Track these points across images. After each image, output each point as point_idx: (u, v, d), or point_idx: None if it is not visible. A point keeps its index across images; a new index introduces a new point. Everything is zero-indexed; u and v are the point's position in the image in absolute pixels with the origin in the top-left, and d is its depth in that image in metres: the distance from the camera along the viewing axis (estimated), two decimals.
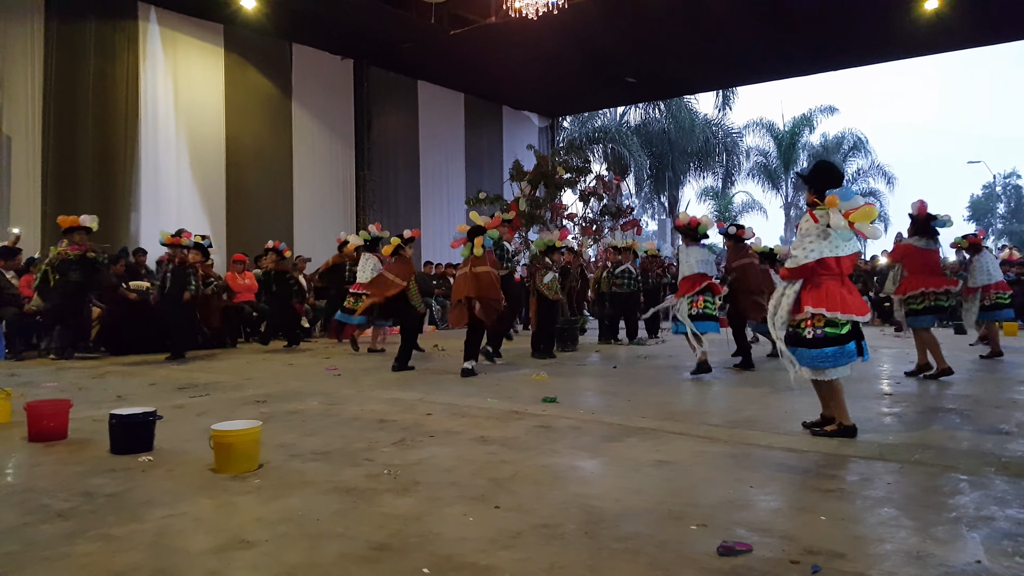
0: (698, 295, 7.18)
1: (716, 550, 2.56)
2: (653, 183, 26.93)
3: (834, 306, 4.31)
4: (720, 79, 20.27)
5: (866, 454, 4.00)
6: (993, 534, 2.71)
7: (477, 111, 19.17)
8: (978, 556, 2.48)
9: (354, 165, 16.22)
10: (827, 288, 4.36)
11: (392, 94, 16.96)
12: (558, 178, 10.23)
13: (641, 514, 2.99)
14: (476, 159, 19.02)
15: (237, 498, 3.26)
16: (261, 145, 14.57)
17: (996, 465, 3.71)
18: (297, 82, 15.25)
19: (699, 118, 25.75)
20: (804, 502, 3.17)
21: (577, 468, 3.81)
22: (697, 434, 4.59)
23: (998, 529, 2.76)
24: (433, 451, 4.14)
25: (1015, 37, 15.62)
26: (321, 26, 14.30)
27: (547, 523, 2.88)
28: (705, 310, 7.16)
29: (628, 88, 18.44)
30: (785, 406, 5.56)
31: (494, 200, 10.59)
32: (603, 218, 10.97)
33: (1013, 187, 47.91)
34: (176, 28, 13.30)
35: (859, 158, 27.33)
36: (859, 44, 15.30)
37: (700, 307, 7.16)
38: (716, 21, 13.55)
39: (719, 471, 3.68)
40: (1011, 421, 4.89)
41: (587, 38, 14.22)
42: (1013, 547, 2.57)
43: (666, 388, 6.77)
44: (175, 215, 12.84)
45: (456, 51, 14.80)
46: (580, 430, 4.74)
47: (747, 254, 8.09)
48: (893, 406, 5.50)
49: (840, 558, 2.49)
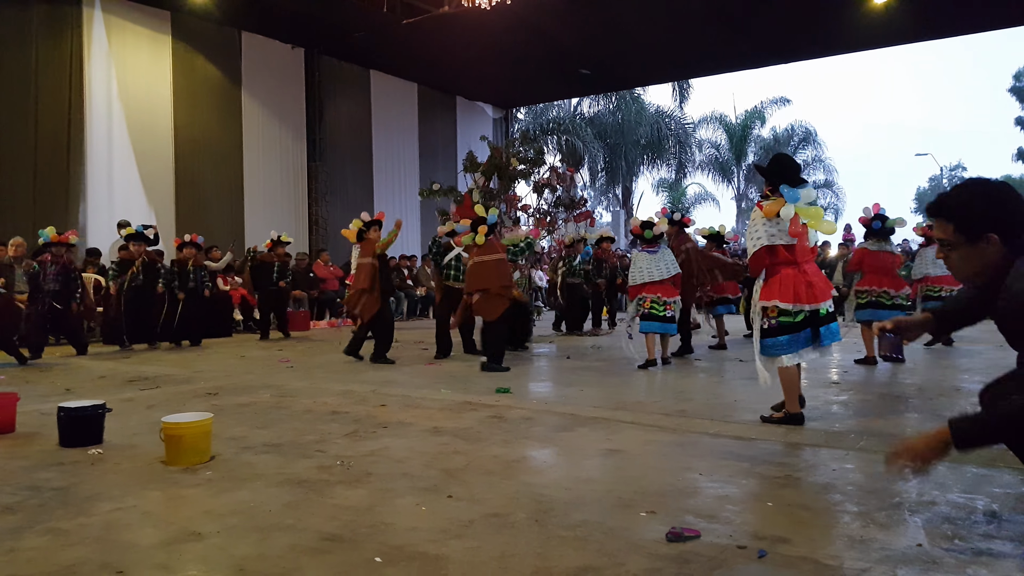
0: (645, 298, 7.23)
1: (665, 536, 2.57)
2: (607, 174, 27.12)
3: (787, 297, 4.36)
4: (673, 71, 20.47)
5: (813, 441, 4.07)
6: (934, 518, 2.77)
7: (431, 101, 19.00)
8: (919, 540, 2.54)
9: (305, 155, 15.94)
10: (782, 278, 4.41)
11: (344, 84, 16.69)
12: (512, 169, 10.19)
13: (591, 502, 2.99)
14: (430, 150, 18.86)
15: (187, 491, 3.21)
16: (210, 135, 14.20)
17: None
18: (247, 71, 14.89)
19: (651, 110, 25.99)
20: (751, 489, 3.21)
21: (529, 458, 3.80)
22: (647, 423, 4.62)
23: (938, 513, 2.83)
24: (386, 442, 4.09)
25: (960, 32, 16.08)
26: (271, 14, 13.99)
27: (498, 512, 2.86)
28: (652, 311, 7.21)
29: (582, 80, 18.48)
30: (734, 395, 5.64)
31: (448, 191, 10.50)
32: (557, 210, 10.97)
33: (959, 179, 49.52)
34: (122, 15, 12.85)
35: (809, 150, 27.95)
36: (810, 38, 15.59)
37: (647, 308, 7.22)
38: (669, 14, 13.67)
39: (668, 459, 3.71)
40: (954, 408, 5.03)
41: (541, 29, 14.19)
42: (952, 530, 2.63)
43: (618, 378, 6.81)
44: (121, 205, 12.45)
45: (409, 41, 14.63)
46: (532, 420, 4.74)
47: (688, 239, 8.30)
48: (840, 394, 5.62)
49: (785, 543, 2.52)
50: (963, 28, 15.69)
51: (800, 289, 4.37)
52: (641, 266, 7.30)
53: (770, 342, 4.44)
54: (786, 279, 4.40)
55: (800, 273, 4.43)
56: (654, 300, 7.21)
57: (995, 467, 3.47)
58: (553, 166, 10.99)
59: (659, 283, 7.21)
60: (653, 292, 7.22)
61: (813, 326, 4.42)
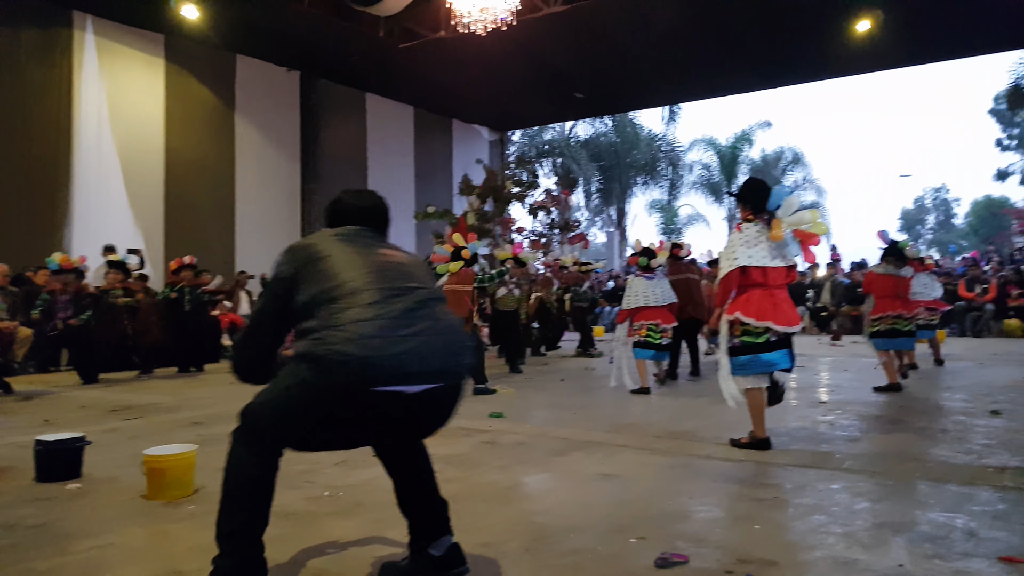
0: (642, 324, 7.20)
1: (654, 563, 2.64)
2: (601, 196, 27.33)
3: (751, 312, 4.38)
4: (665, 95, 20.71)
5: (800, 462, 4.15)
6: (915, 537, 2.85)
7: (427, 124, 19.15)
8: (901, 560, 2.62)
9: (299, 178, 16.03)
10: (749, 296, 4.45)
11: (340, 107, 16.82)
12: (507, 192, 10.31)
13: (585, 529, 3.06)
14: (425, 173, 18.98)
15: (170, 526, 3.18)
16: (203, 158, 14.28)
17: (920, 470, 3.90)
18: (241, 94, 15.01)
19: (644, 132, 26.27)
20: (740, 511, 3.28)
21: (523, 484, 3.86)
22: (641, 446, 4.69)
23: (920, 532, 2.91)
24: (377, 472, 4.03)
25: (939, 58, 16.41)
26: (267, 37, 14.13)
27: (490, 542, 2.92)
28: (648, 339, 7.18)
29: (577, 103, 18.69)
30: (726, 416, 5.70)
31: (443, 214, 10.61)
32: (552, 231, 11.11)
33: (942, 200, 50.08)
34: (114, 38, 12.96)
35: (798, 171, 28.26)
36: (797, 63, 15.86)
37: (643, 336, 7.19)
38: (661, 40, 13.88)
39: (661, 483, 3.78)
40: (935, 427, 5.13)
41: (536, 54, 14.39)
42: (933, 549, 2.71)
43: (612, 400, 6.88)
44: (108, 229, 12.46)
45: (405, 64, 14.80)
46: (527, 445, 4.80)
47: (683, 268, 8.28)
48: (827, 414, 5.70)
49: (772, 566, 2.60)
50: (941, 55, 16.03)
51: (766, 308, 4.39)
52: (637, 291, 7.25)
53: (733, 361, 4.48)
54: (752, 297, 4.44)
55: (768, 294, 4.46)
56: (651, 327, 7.16)
57: (975, 485, 3.56)
58: (548, 189, 11.12)
59: (656, 308, 7.17)
60: (651, 318, 7.16)
61: (787, 349, 4.45)
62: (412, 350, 2.12)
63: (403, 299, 2.20)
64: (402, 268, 2.32)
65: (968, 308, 13.99)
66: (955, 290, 14.28)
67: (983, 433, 4.85)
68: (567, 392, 7.53)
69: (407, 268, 2.33)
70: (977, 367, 8.90)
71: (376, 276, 2.23)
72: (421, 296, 2.25)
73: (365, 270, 2.23)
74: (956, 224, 48.06)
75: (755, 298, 4.42)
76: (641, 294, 7.21)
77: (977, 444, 4.53)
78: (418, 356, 2.14)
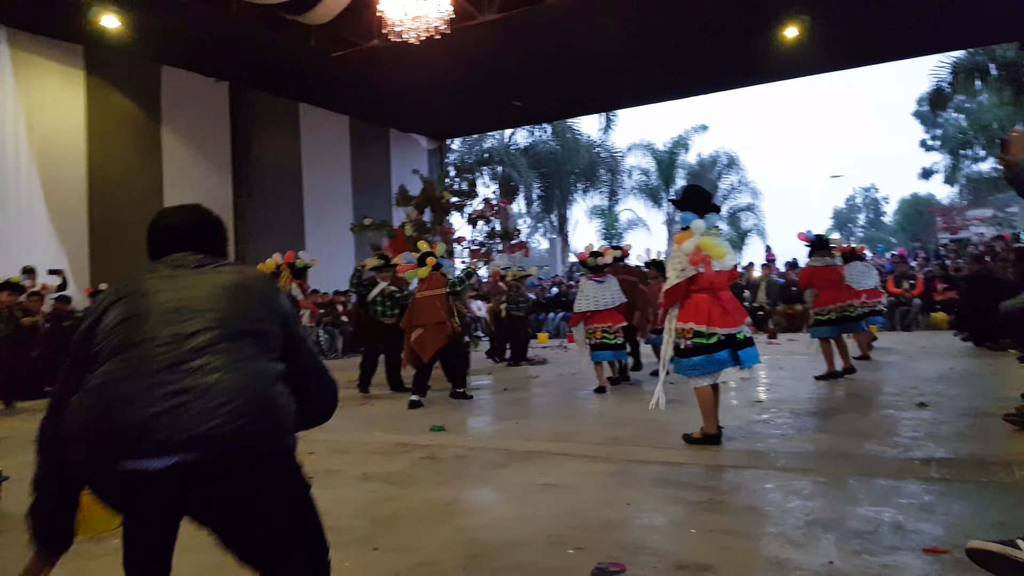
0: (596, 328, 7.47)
1: (591, 573, 2.61)
2: (542, 203, 27.47)
3: (702, 319, 4.59)
4: (602, 103, 20.97)
5: (736, 463, 4.20)
6: (844, 533, 2.90)
7: (363, 134, 18.92)
8: (831, 557, 2.65)
9: (231, 192, 15.62)
10: (696, 303, 4.64)
11: (271, 117, 16.47)
12: (445, 202, 10.25)
13: (523, 543, 3.02)
14: (363, 183, 18.74)
15: (92, 563, 3.03)
16: (128, 173, 13.76)
17: (851, 466, 3.99)
18: (167, 105, 14.54)
19: (584, 139, 26.52)
20: (677, 516, 3.29)
21: (462, 500, 3.80)
22: (581, 454, 4.68)
23: (849, 528, 2.96)
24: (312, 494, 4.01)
25: (863, 63, 17.07)
26: (193, 47, 13.73)
27: (427, 561, 2.85)
28: (603, 340, 7.46)
29: (515, 111, 18.75)
30: (666, 419, 5.75)
31: (380, 226, 10.48)
32: (492, 241, 11.07)
33: (872, 199, 51.98)
34: (30, 49, 12.38)
35: (733, 175, 28.90)
36: (730, 69, 16.25)
37: (598, 338, 7.47)
38: (595, 48, 14.02)
39: (600, 491, 3.77)
40: (866, 422, 5.27)
41: (472, 62, 14.37)
42: (862, 545, 2.76)
43: (556, 409, 6.88)
44: (29, 249, 11.90)
45: (339, 74, 14.57)
46: (467, 459, 4.74)
47: (625, 270, 8.54)
48: (762, 413, 5.80)
49: (707, 570, 2.60)
50: (866, 60, 16.66)
51: (714, 314, 4.61)
52: (588, 294, 7.51)
53: (685, 363, 4.65)
54: (701, 303, 4.63)
55: (715, 299, 4.66)
56: (604, 329, 7.44)
57: (902, 478, 3.66)
58: (487, 198, 11.10)
59: (606, 311, 7.46)
60: (603, 321, 7.44)
61: (731, 348, 4.64)
62: (165, 413, 1.62)
63: (174, 349, 1.70)
64: (196, 306, 1.79)
65: (897, 303, 14.50)
66: (884, 286, 14.79)
67: (910, 426, 4.99)
68: (510, 402, 7.49)
69: (204, 304, 1.80)
70: (906, 360, 9.21)
71: (153, 325, 1.75)
72: (203, 341, 1.72)
73: (138, 323, 1.77)
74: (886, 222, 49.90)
75: (704, 305, 4.61)
76: (591, 298, 7.49)
77: (905, 437, 4.66)
78: (173, 419, 1.61)
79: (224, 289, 1.86)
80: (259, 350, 1.79)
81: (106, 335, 1.79)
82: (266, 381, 1.74)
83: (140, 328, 1.76)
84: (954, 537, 2.73)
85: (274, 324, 1.88)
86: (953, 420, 5.11)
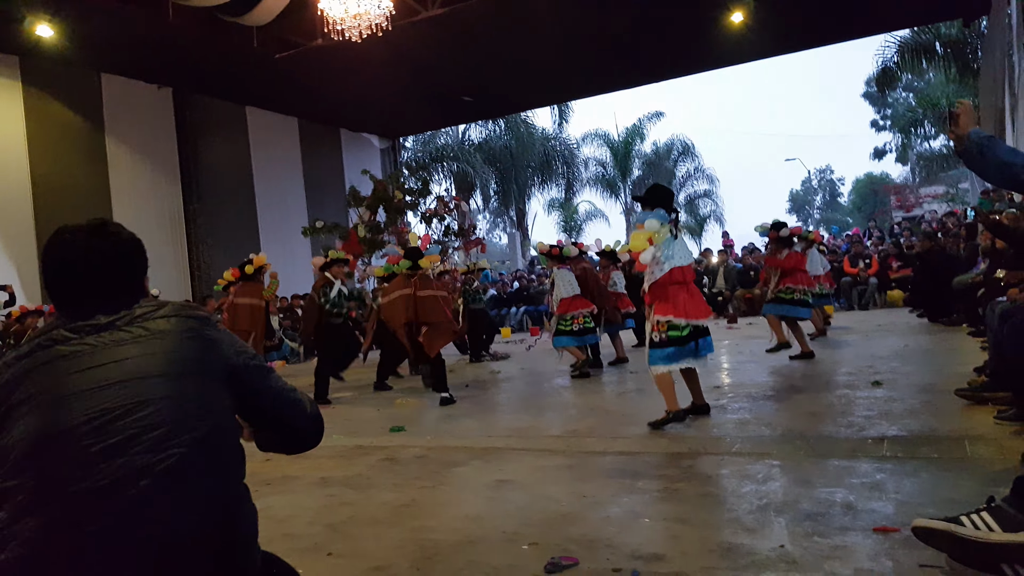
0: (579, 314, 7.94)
1: (544, 568, 2.58)
2: (500, 198, 27.40)
3: (680, 312, 4.85)
4: (554, 95, 20.95)
5: (692, 449, 4.21)
6: (797, 516, 2.91)
7: (313, 135, 18.62)
8: (782, 540, 2.66)
9: (181, 198, 15.26)
10: (673, 296, 4.89)
11: (218, 122, 16.11)
12: (397, 202, 10.13)
13: (477, 541, 2.98)
14: (316, 185, 18.45)
15: None
16: (74, 183, 13.34)
17: (805, 447, 4.02)
18: (110, 114, 14.12)
19: (538, 132, 26.50)
20: (631, 507, 3.28)
21: (419, 501, 3.74)
22: (538, 448, 4.66)
23: (801, 511, 2.97)
24: (268, 501, 3.92)
25: (809, 46, 17.34)
26: (132, 54, 13.31)
27: (380, 565, 2.80)
28: (585, 325, 7.97)
29: (466, 107, 18.64)
30: (625, 409, 5.78)
31: (332, 228, 10.32)
32: (447, 238, 10.99)
33: (827, 180, 52.92)
34: None
35: (688, 162, 29.18)
36: (678, 57, 16.38)
37: (581, 323, 7.94)
38: (541, 41, 13.99)
39: (556, 485, 3.74)
40: (821, 403, 5.33)
41: (418, 59, 14.21)
42: (813, 527, 2.77)
43: (515, 403, 6.85)
44: None
45: (284, 75, 14.30)
46: (425, 459, 4.68)
47: (582, 261, 8.83)
48: (720, 398, 5.83)
49: (660, 560, 2.59)
50: (810, 43, 16.93)
51: (689, 306, 4.90)
52: (568, 280, 8.03)
53: (659, 353, 4.88)
54: (678, 298, 4.90)
55: (687, 291, 4.97)
56: (585, 315, 7.98)
57: (855, 458, 3.70)
58: (439, 196, 11.01)
59: (580, 298, 8.00)
60: (580, 307, 7.96)
61: (695, 339, 4.91)
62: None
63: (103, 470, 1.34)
64: (124, 405, 1.41)
65: (853, 283, 14.78)
66: (841, 266, 15.07)
67: (865, 405, 5.06)
68: (472, 399, 7.43)
69: (134, 398, 1.42)
70: (863, 339, 9.37)
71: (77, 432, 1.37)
72: (142, 463, 1.36)
73: (54, 427, 1.38)
74: (842, 203, 50.82)
75: (681, 298, 4.89)
76: (570, 284, 8.01)
77: (859, 416, 4.72)
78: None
79: (158, 367, 1.48)
80: (209, 462, 1.46)
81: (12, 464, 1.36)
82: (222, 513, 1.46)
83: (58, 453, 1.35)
84: (904, 515, 2.74)
85: (223, 395, 1.55)
86: (907, 397, 5.20)
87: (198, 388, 1.51)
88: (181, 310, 1.61)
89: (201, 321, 1.62)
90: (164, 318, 1.56)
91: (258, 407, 1.69)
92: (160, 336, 1.52)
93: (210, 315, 1.70)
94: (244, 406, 1.66)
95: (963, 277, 8.96)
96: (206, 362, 1.56)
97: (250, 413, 1.69)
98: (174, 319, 1.57)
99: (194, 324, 1.60)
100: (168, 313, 1.57)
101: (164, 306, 1.60)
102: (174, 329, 1.55)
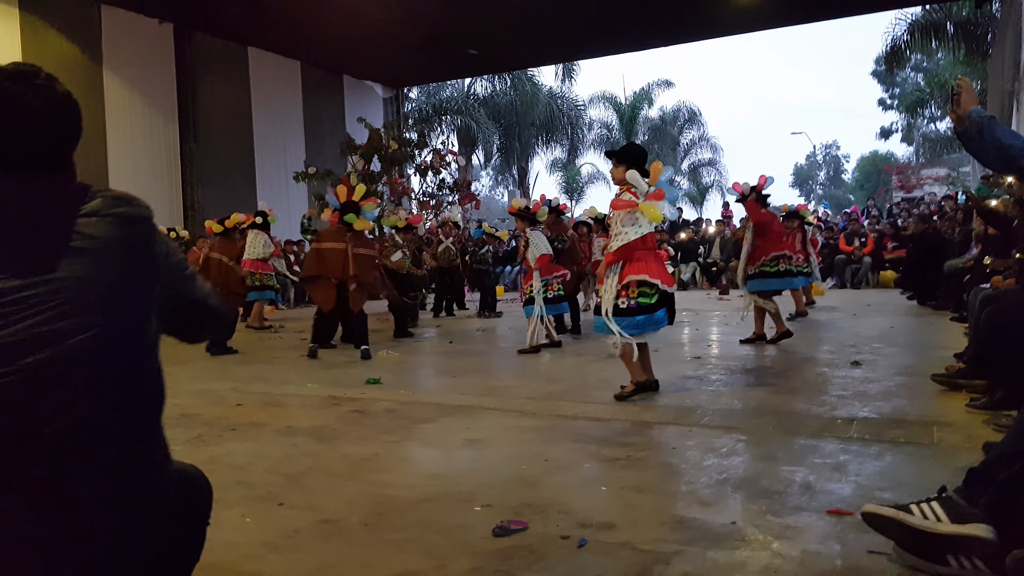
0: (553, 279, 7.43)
1: (492, 532, 2.56)
2: (502, 155, 27.12)
3: (653, 275, 4.66)
4: (560, 53, 20.59)
5: (662, 419, 4.19)
6: (753, 493, 2.89)
7: (315, 80, 18.33)
8: (735, 517, 2.63)
9: (178, 138, 15.05)
10: (646, 260, 4.71)
11: (219, 62, 15.83)
12: (392, 152, 9.98)
13: (432, 499, 2.96)
14: (316, 131, 18.22)
15: None
16: None
17: (774, 423, 4.00)
18: (108, 48, 13.86)
19: (544, 90, 26.10)
20: (591, 473, 3.26)
21: (381, 455, 3.72)
22: (511, 408, 4.64)
23: (759, 488, 2.94)
24: (230, 447, 3.91)
25: (822, 17, 17.03)
26: None
27: (330, 519, 2.78)
28: (558, 292, 7.48)
29: (471, 60, 18.31)
30: (601, 374, 5.74)
31: (325, 175, 10.19)
32: (442, 192, 10.86)
33: (832, 156, 52.37)
34: None
35: (694, 130, 28.84)
36: (689, 22, 16.08)
37: (555, 290, 7.43)
38: None
39: (521, 446, 3.72)
40: (798, 380, 5.31)
41: (425, 7, 13.92)
42: (768, 505, 2.74)
43: (496, 363, 6.83)
44: None
45: (288, 17, 14.02)
46: (396, 413, 4.66)
47: (563, 226, 8.64)
48: (698, 369, 5.81)
49: (610, 529, 2.56)
50: (825, 14, 16.60)
51: (660, 270, 4.74)
52: (544, 240, 7.46)
53: (628, 321, 4.60)
54: (650, 260, 4.73)
55: (656, 257, 4.84)
56: (559, 282, 7.50)
57: (822, 437, 3.67)
58: (435, 148, 10.84)
59: (554, 264, 7.51)
60: (558, 272, 7.48)
61: (667, 306, 4.73)
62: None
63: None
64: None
65: (848, 261, 14.69)
66: (836, 244, 14.97)
67: (840, 384, 5.03)
68: (453, 355, 7.41)
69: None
70: (850, 318, 9.33)
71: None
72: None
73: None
74: (845, 179, 50.38)
75: (652, 261, 4.72)
76: (545, 246, 7.40)
77: (833, 395, 4.69)
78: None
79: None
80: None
81: None
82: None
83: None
84: (861, 499, 2.70)
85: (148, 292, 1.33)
86: (884, 379, 5.17)
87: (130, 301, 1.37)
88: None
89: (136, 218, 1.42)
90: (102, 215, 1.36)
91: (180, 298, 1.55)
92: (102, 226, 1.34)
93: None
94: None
95: (954, 261, 8.89)
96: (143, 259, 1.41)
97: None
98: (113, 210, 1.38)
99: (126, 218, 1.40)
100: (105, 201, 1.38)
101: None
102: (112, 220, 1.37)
